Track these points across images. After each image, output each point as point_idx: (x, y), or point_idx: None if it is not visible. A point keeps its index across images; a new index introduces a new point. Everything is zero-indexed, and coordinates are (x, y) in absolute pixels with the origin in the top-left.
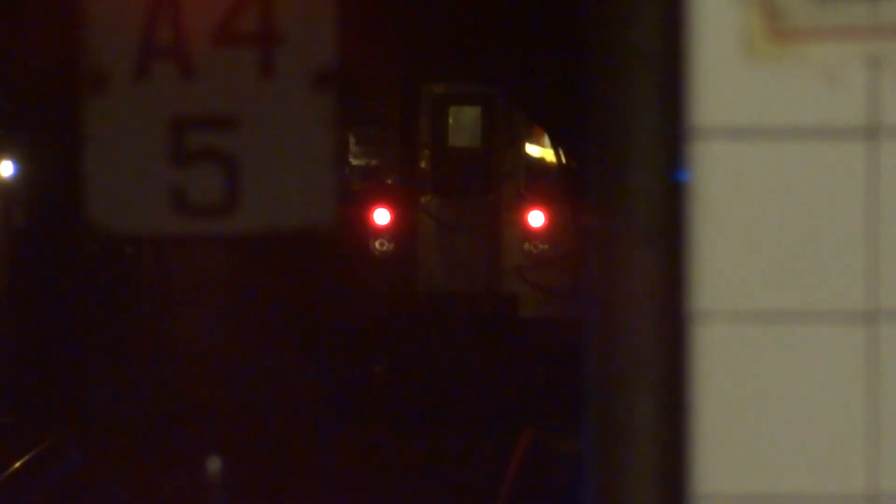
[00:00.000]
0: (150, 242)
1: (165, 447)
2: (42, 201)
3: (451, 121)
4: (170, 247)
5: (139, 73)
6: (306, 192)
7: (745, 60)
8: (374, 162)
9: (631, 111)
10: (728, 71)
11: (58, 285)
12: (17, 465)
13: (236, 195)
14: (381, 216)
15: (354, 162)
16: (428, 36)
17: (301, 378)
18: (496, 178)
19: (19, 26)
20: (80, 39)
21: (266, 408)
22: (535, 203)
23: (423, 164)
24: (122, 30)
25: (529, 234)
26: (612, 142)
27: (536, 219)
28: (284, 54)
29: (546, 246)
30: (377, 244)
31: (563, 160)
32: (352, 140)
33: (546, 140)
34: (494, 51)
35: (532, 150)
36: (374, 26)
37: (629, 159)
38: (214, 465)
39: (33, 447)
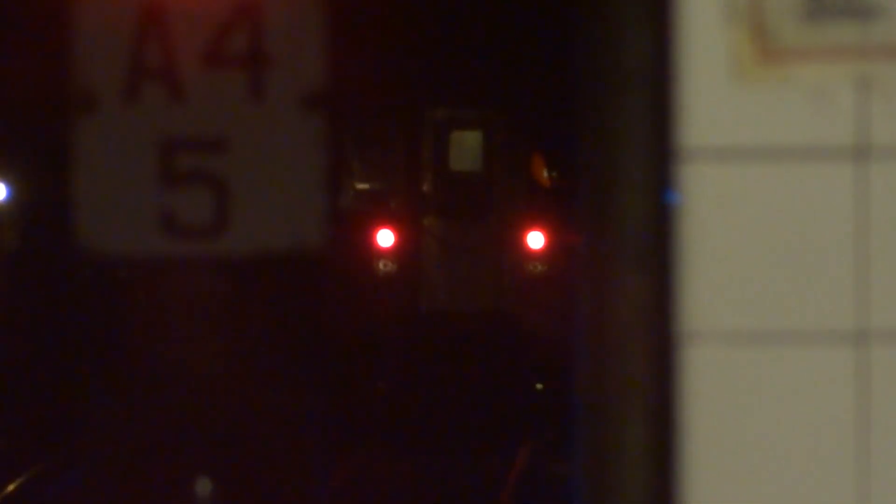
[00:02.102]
0: (141, 265)
1: (158, 470)
2: (34, 224)
3: (452, 145)
4: (163, 269)
5: (129, 94)
6: (296, 213)
7: (735, 81)
8: (377, 185)
9: (620, 132)
10: (717, 92)
11: (50, 309)
12: (10, 488)
13: (226, 217)
14: (385, 238)
15: (358, 185)
16: (430, 62)
17: (297, 400)
18: (497, 200)
19: (10, 49)
20: (69, 61)
21: (260, 430)
22: (534, 225)
23: (425, 187)
24: (111, 52)
25: (529, 255)
26: (602, 163)
27: (536, 240)
28: (274, 76)
29: (545, 266)
30: (381, 265)
31: (558, 182)
32: (356, 163)
33: (544, 163)
34: (493, 76)
35: (531, 172)
36: (376, 52)
37: (618, 181)
38: (205, 487)
39: (25, 471)
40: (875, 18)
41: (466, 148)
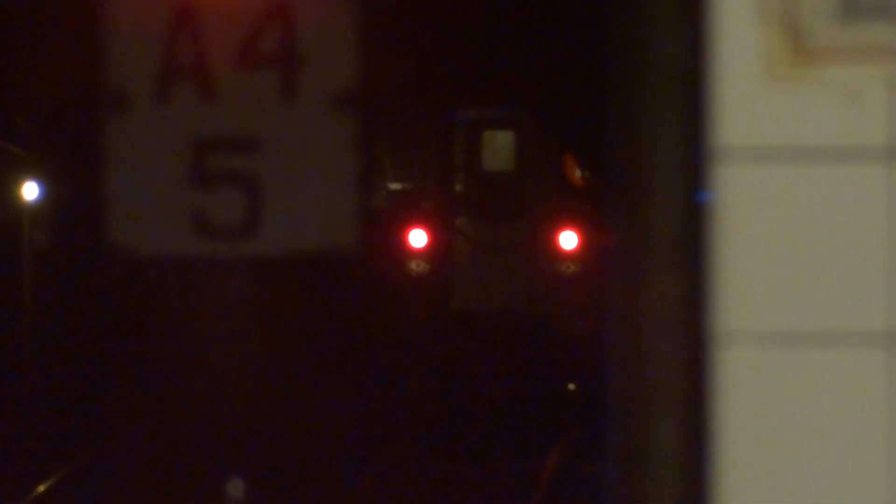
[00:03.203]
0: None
1: (189, 470)
2: (66, 224)
3: (485, 144)
4: (195, 269)
5: (161, 94)
6: (328, 214)
7: (767, 81)
8: (410, 185)
9: (653, 132)
10: (750, 92)
11: (81, 308)
12: (41, 488)
13: (258, 217)
14: (418, 238)
15: (391, 185)
16: (462, 61)
17: (329, 399)
18: (529, 200)
19: (43, 49)
20: (102, 61)
21: (292, 429)
22: (567, 225)
23: (457, 187)
24: (143, 52)
25: (562, 255)
26: (635, 163)
27: (569, 240)
28: (306, 76)
29: (578, 267)
30: (413, 265)
31: (590, 182)
32: (388, 164)
33: (577, 162)
34: (525, 76)
35: (563, 172)
36: (408, 52)
37: (651, 180)
38: (236, 488)
39: (58, 471)
40: None
41: (498, 148)
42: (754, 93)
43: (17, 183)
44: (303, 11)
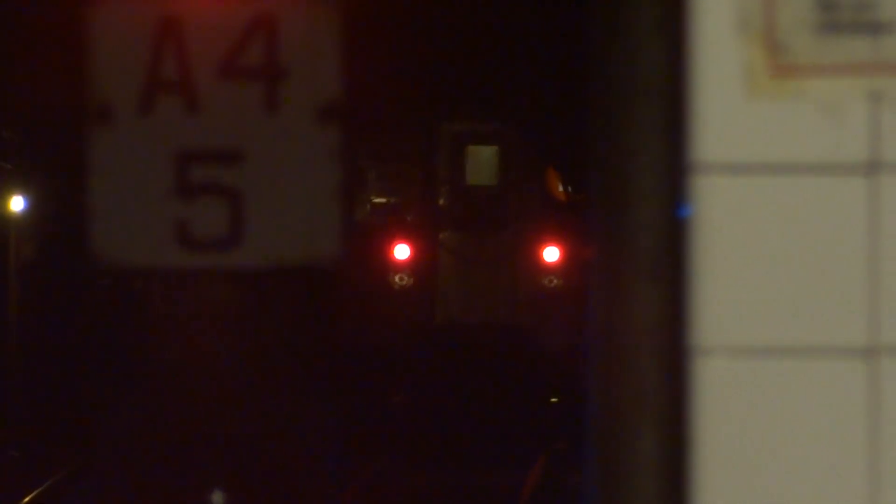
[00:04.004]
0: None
1: (173, 480)
2: (51, 235)
3: (469, 159)
4: (179, 280)
5: (144, 106)
6: (311, 226)
7: (747, 96)
8: (393, 199)
9: (633, 146)
10: (730, 106)
11: (67, 319)
12: (26, 499)
13: (240, 229)
14: (401, 251)
15: (375, 198)
16: (446, 76)
17: (312, 412)
18: (512, 214)
19: (28, 62)
20: (86, 73)
21: (275, 441)
22: (550, 239)
23: (441, 201)
24: (127, 64)
25: (545, 269)
26: (615, 177)
27: (551, 254)
28: (289, 89)
29: (560, 280)
30: (397, 278)
31: (573, 196)
32: (372, 177)
33: (560, 177)
34: (509, 91)
35: (546, 186)
36: (392, 67)
37: (632, 194)
38: (219, 499)
39: (42, 482)
40: (887, 34)
41: (482, 162)
42: (734, 107)
43: (3, 195)
44: (286, 24)
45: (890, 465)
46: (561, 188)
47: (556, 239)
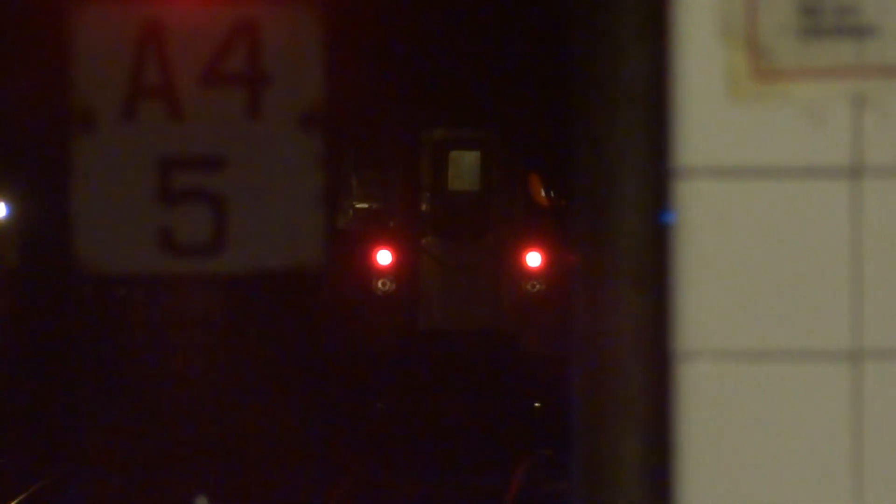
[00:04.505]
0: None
1: (156, 485)
2: (34, 242)
3: (451, 164)
4: (162, 286)
5: (127, 113)
6: (294, 232)
7: (731, 100)
8: (376, 204)
9: (616, 151)
10: (713, 111)
11: (50, 326)
12: None
13: (224, 235)
14: (384, 257)
15: (357, 204)
16: (429, 82)
17: (295, 418)
18: (495, 219)
19: (9, 67)
20: (68, 79)
21: (258, 447)
22: (533, 244)
23: (424, 207)
24: (110, 70)
25: (528, 274)
26: (598, 182)
27: (534, 259)
28: (272, 95)
29: (543, 285)
30: (380, 284)
31: (556, 201)
32: (355, 183)
33: (542, 182)
34: (491, 96)
35: (529, 192)
36: (374, 72)
37: (614, 199)
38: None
39: (26, 488)
40: (870, 37)
41: (465, 168)
42: (717, 112)
43: None
44: (269, 30)
45: (873, 468)
46: (544, 193)
47: (539, 244)
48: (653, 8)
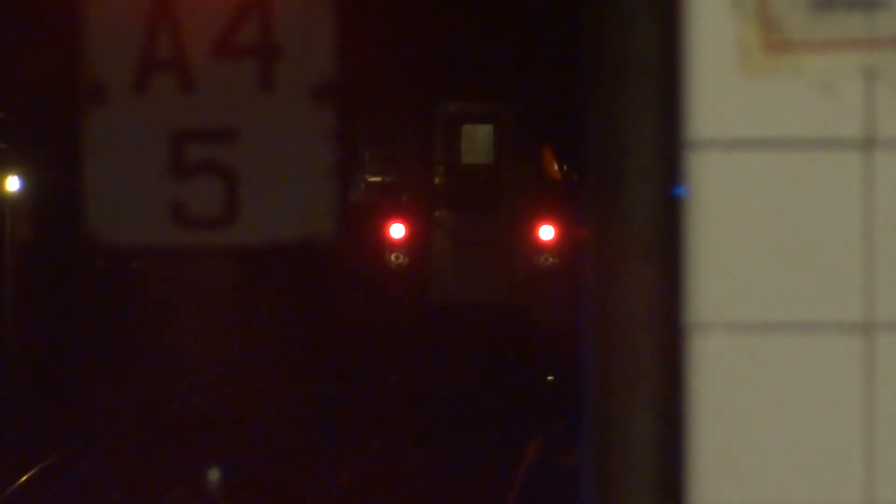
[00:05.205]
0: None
1: (168, 460)
2: (47, 215)
3: (464, 138)
4: (174, 259)
5: (139, 85)
6: (306, 205)
7: (742, 72)
8: (389, 178)
9: (627, 124)
10: (725, 83)
11: (62, 299)
12: (23, 479)
13: (236, 208)
14: (397, 230)
15: (370, 178)
16: (442, 56)
17: (308, 391)
18: (508, 193)
19: (23, 43)
20: (80, 53)
21: (271, 420)
22: (545, 217)
23: (437, 181)
24: (121, 42)
25: (540, 248)
26: (610, 155)
27: (547, 232)
28: (284, 67)
29: (556, 259)
30: (393, 257)
31: (569, 175)
32: (368, 156)
33: (555, 155)
34: (504, 70)
35: (542, 165)
36: (387, 46)
37: (626, 172)
38: (214, 477)
39: (39, 461)
40: (881, 10)
41: (478, 141)
42: (729, 84)
43: None
44: (281, 3)
45: (886, 439)
46: (556, 167)
47: (552, 217)
48: None
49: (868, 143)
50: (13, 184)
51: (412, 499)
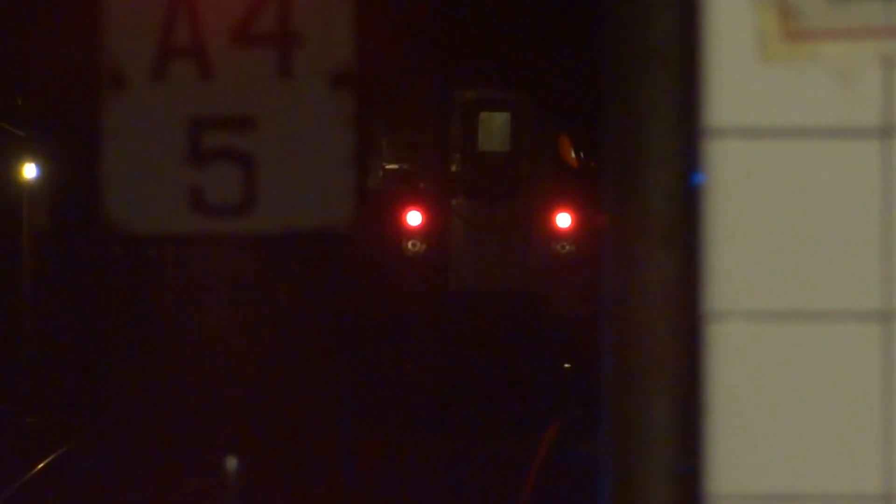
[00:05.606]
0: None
1: (185, 447)
2: (65, 203)
3: (481, 125)
4: (193, 246)
5: (157, 73)
6: (324, 191)
7: (760, 60)
8: (406, 165)
9: (646, 111)
10: (743, 71)
11: (81, 286)
12: (41, 465)
13: (254, 195)
14: (414, 218)
15: (387, 165)
16: (459, 43)
17: (325, 378)
18: (525, 180)
19: (42, 30)
20: (99, 40)
21: (288, 407)
22: (562, 205)
23: (454, 168)
24: (140, 30)
25: (557, 235)
26: (628, 142)
27: (564, 220)
28: (302, 55)
29: (573, 246)
30: (409, 245)
31: (586, 162)
32: (385, 144)
33: (572, 143)
34: (522, 57)
35: (559, 153)
36: (405, 33)
37: (644, 159)
38: (231, 464)
39: (57, 447)
40: None
41: (495, 129)
42: (747, 72)
43: (16, 163)
44: None
45: None
46: (574, 154)
47: (569, 205)
48: None
49: (886, 131)
50: (31, 171)
51: (429, 485)
